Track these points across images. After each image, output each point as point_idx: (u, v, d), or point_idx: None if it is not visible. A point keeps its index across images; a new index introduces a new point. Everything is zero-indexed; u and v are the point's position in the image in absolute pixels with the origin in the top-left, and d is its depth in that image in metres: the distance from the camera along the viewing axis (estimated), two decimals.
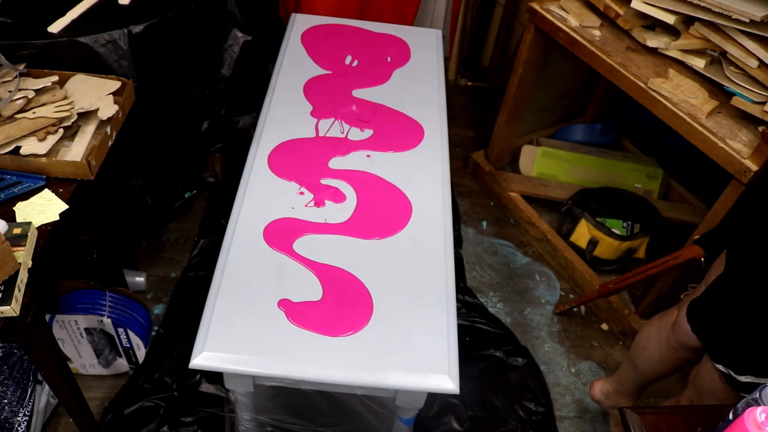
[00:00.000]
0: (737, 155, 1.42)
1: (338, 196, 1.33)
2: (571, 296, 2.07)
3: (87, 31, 1.36)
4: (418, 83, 1.67)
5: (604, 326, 1.98)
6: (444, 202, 1.36)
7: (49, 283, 1.52)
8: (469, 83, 2.91)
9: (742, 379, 1.08)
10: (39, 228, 1.13)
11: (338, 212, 1.30)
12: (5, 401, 1.42)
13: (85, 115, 1.30)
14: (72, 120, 1.26)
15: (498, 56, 2.80)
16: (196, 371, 1.66)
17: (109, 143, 1.30)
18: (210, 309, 1.10)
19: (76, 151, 1.24)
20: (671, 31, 1.66)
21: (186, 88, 1.61)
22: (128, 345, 1.64)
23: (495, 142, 2.30)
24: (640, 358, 1.44)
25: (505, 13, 2.63)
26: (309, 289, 1.15)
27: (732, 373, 1.10)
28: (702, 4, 1.48)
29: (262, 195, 1.31)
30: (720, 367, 1.13)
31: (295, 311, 1.11)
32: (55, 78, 1.32)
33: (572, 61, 1.98)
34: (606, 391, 1.67)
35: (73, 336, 1.58)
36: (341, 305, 1.13)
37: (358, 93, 1.61)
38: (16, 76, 1.28)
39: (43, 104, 1.26)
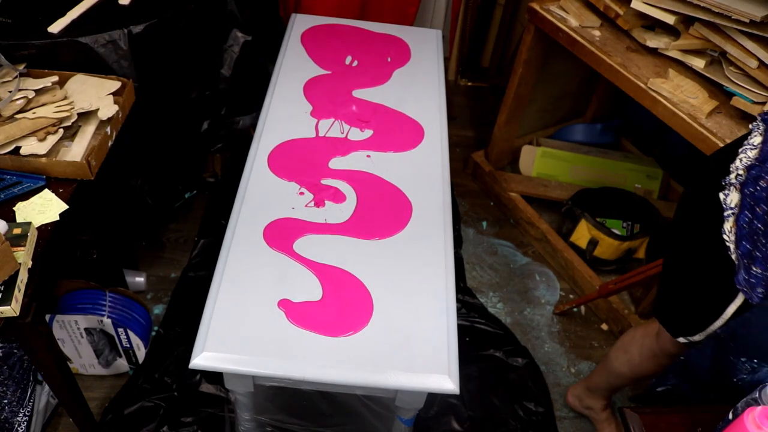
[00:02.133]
0: None
1: (338, 196, 1.33)
2: (571, 296, 2.07)
3: (87, 31, 1.36)
4: (418, 83, 1.67)
5: (604, 326, 1.98)
6: (444, 202, 1.36)
7: (49, 283, 1.52)
8: (469, 83, 2.91)
9: (696, 338, 1.14)
10: (39, 228, 1.13)
11: (338, 212, 1.30)
12: (5, 401, 1.42)
13: (85, 115, 1.30)
14: (72, 120, 1.26)
15: (498, 56, 2.80)
16: (196, 371, 1.66)
17: (109, 143, 1.30)
18: (210, 309, 1.10)
19: (76, 151, 1.24)
20: (671, 31, 1.66)
21: (186, 88, 1.61)
22: (128, 345, 1.64)
23: (495, 142, 2.30)
24: (619, 360, 1.47)
25: (505, 13, 2.63)
26: (309, 289, 1.15)
27: (690, 339, 1.17)
28: (702, 5, 1.48)
29: (262, 195, 1.31)
30: (681, 339, 1.19)
31: (295, 311, 1.11)
32: (55, 78, 1.32)
33: (572, 61, 1.98)
34: (578, 394, 1.70)
35: (73, 336, 1.58)
36: (341, 305, 1.13)
37: (358, 93, 1.61)
38: (16, 76, 1.28)
39: (43, 104, 1.26)
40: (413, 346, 1.08)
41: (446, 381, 1.05)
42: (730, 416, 0.86)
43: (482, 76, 2.91)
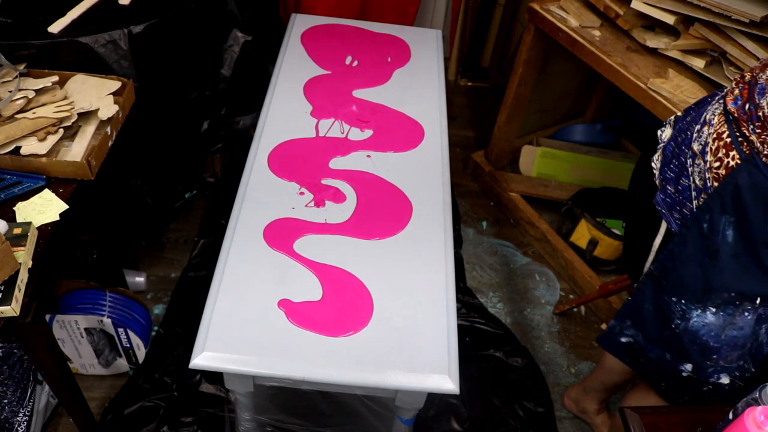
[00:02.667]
0: None
1: (338, 196, 1.33)
2: (571, 296, 2.07)
3: (87, 31, 1.36)
4: (418, 83, 1.67)
5: (604, 326, 1.98)
6: (444, 202, 1.36)
7: (49, 283, 1.52)
8: (469, 83, 2.91)
9: None
10: (39, 228, 1.13)
11: (338, 212, 1.30)
12: (5, 401, 1.42)
13: (85, 115, 1.30)
14: (72, 120, 1.26)
15: (498, 56, 2.80)
16: (196, 371, 1.66)
17: (109, 143, 1.30)
18: (210, 309, 1.10)
19: (76, 151, 1.24)
20: (671, 32, 1.66)
21: (186, 88, 1.61)
22: (128, 345, 1.64)
23: (495, 142, 2.30)
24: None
25: (505, 13, 2.63)
26: (309, 289, 1.15)
27: None
28: (702, 5, 1.48)
29: (262, 195, 1.31)
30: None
31: (295, 311, 1.11)
32: (55, 78, 1.32)
33: (572, 61, 1.98)
34: (574, 396, 1.71)
35: (73, 336, 1.58)
36: (341, 305, 1.13)
37: (358, 93, 1.61)
38: (16, 76, 1.28)
39: (43, 104, 1.27)
40: (413, 346, 1.08)
41: (446, 381, 1.05)
42: (730, 416, 0.86)
43: (482, 76, 2.91)
